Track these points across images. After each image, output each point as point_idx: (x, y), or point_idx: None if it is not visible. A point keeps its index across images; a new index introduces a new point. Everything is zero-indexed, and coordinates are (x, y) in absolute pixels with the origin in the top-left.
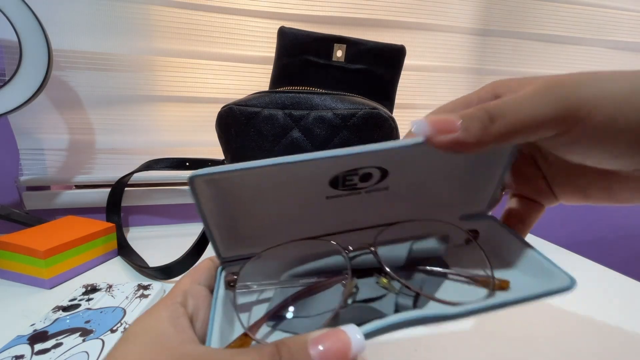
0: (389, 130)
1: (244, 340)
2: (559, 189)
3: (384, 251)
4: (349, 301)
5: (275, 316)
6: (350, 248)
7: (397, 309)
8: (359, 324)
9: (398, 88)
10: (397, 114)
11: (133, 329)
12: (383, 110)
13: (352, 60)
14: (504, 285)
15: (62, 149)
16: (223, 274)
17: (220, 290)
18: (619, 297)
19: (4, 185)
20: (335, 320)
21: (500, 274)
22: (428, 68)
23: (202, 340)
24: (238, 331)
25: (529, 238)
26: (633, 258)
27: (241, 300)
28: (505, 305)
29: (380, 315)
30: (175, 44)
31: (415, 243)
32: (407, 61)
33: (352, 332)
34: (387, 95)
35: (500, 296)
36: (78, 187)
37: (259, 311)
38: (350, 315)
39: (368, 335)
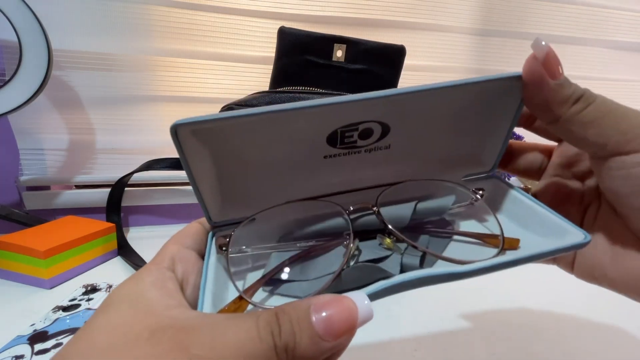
0: None
1: (239, 304)
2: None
3: (387, 212)
4: (351, 263)
5: (273, 280)
6: (351, 208)
7: (403, 269)
8: (363, 285)
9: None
10: None
11: (113, 296)
12: None
13: (352, 60)
14: (514, 244)
15: (62, 149)
16: (214, 238)
17: (212, 256)
18: (618, 297)
19: (4, 185)
20: (338, 283)
21: (509, 233)
22: (428, 68)
23: (193, 306)
24: (232, 296)
25: None
26: None
27: (235, 264)
28: (517, 262)
29: (386, 275)
30: (175, 44)
31: (420, 203)
32: (407, 61)
33: (359, 299)
34: None
35: (511, 254)
36: (78, 187)
37: (255, 276)
38: (354, 276)
39: (374, 296)
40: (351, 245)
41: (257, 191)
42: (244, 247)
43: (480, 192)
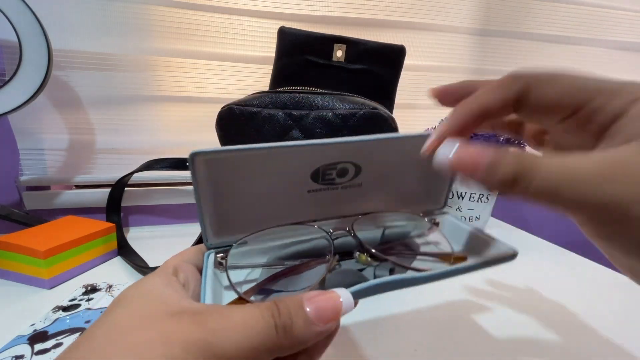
0: (389, 130)
1: (239, 302)
2: None
3: (361, 234)
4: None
5: (264, 289)
6: (331, 231)
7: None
8: (345, 287)
9: (398, 88)
10: (397, 114)
11: (126, 294)
12: (383, 110)
13: (352, 60)
14: (462, 258)
15: (62, 149)
16: (211, 256)
17: (209, 270)
18: (619, 297)
19: (4, 185)
20: (322, 285)
21: (458, 252)
22: (428, 68)
23: None
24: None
25: (529, 237)
26: None
27: (232, 276)
28: (464, 270)
29: (364, 279)
30: (175, 44)
31: (388, 229)
32: (407, 61)
33: (343, 292)
34: (387, 95)
35: (459, 265)
36: (78, 187)
37: (249, 287)
38: (336, 280)
39: (354, 295)
40: (333, 259)
41: (250, 219)
42: (237, 263)
43: (435, 221)
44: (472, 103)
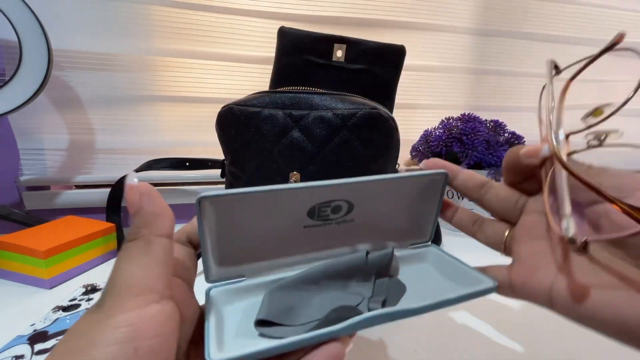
0: (388, 130)
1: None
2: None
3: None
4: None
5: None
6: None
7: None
8: (340, 320)
9: (398, 88)
10: (397, 114)
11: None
12: (383, 110)
13: (352, 60)
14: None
15: (62, 149)
16: (212, 293)
17: (212, 315)
18: None
19: (4, 185)
20: (320, 324)
21: (442, 284)
22: (428, 68)
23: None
24: (230, 336)
25: None
26: None
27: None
28: (444, 304)
29: (357, 313)
30: (175, 44)
31: (379, 275)
32: (407, 61)
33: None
34: (387, 95)
35: (437, 298)
36: (78, 187)
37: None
38: (332, 316)
39: (349, 328)
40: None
41: (248, 254)
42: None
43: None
44: None
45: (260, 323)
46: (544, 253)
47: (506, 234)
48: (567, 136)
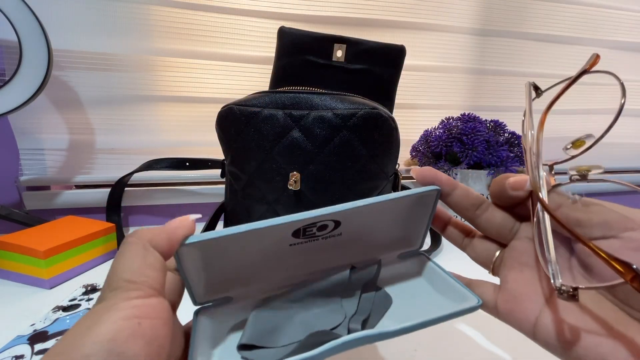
0: (388, 130)
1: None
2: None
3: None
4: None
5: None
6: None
7: (350, 332)
8: (316, 345)
9: (398, 88)
10: (397, 114)
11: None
12: (383, 110)
13: (352, 60)
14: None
15: (62, 149)
16: (199, 315)
17: (199, 334)
18: None
19: (4, 185)
20: (297, 347)
21: (428, 296)
22: (428, 68)
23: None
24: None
25: None
26: None
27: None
28: (422, 325)
29: (336, 337)
30: (175, 44)
31: (366, 289)
32: (407, 61)
33: None
34: (387, 95)
35: (422, 317)
36: (78, 187)
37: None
38: (309, 341)
39: (327, 353)
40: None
41: (234, 276)
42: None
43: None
44: None
45: (243, 347)
46: (531, 283)
47: (496, 254)
48: (551, 166)
